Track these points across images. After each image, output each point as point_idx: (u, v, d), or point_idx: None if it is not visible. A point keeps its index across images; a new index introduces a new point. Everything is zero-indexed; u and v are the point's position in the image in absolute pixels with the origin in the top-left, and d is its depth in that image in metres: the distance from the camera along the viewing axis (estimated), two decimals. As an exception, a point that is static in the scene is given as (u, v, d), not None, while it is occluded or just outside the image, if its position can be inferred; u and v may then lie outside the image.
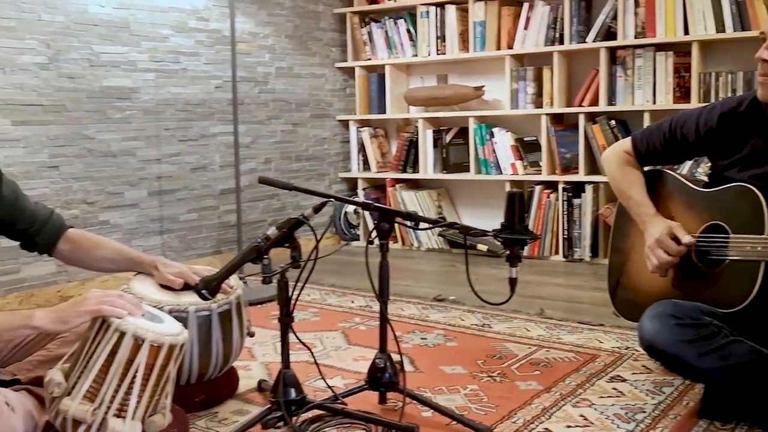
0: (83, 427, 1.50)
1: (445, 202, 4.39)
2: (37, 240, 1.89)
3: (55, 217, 1.92)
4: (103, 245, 1.95)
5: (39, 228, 1.88)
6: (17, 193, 1.86)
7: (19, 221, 1.86)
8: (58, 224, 1.91)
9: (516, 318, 2.71)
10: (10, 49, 2.95)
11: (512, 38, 3.97)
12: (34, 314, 1.52)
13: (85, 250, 1.93)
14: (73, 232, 1.94)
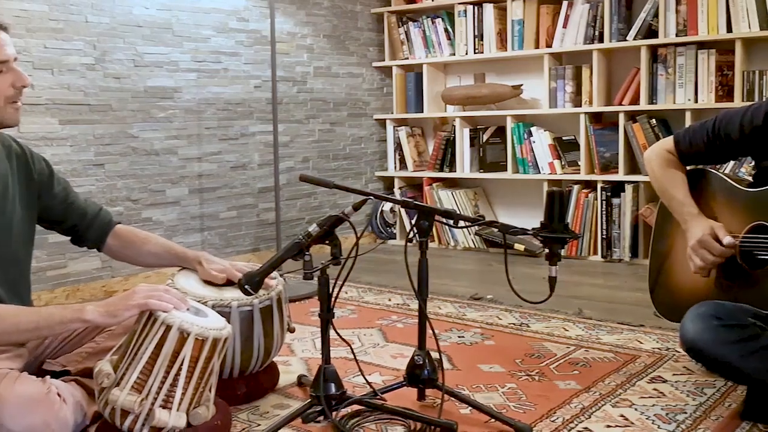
0: (131, 417, 1.55)
1: (482, 201, 4.39)
2: (86, 236, 1.95)
3: (103, 213, 1.97)
4: (149, 241, 2.00)
5: (89, 224, 1.94)
6: (68, 190, 1.92)
7: (70, 218, 1.92)
8: (107, 220, 1.97)
9: (554, 318, 2.70)
10: (58, 50, 3.03)
11: (551, 37, 3.95)
12: (85, 308, 1.56)
13: (132, 246, 1.98)
14: (121, 228, 2.00)
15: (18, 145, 1.84)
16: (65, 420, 1.56)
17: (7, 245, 1.75)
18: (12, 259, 1.77)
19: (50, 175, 1.88)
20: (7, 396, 1.48)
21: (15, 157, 1.81)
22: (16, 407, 1.48)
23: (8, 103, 1.65)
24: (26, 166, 1.82)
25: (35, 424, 1.49)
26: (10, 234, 1.75)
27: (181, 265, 1.99)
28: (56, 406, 1.54)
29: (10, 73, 1.64)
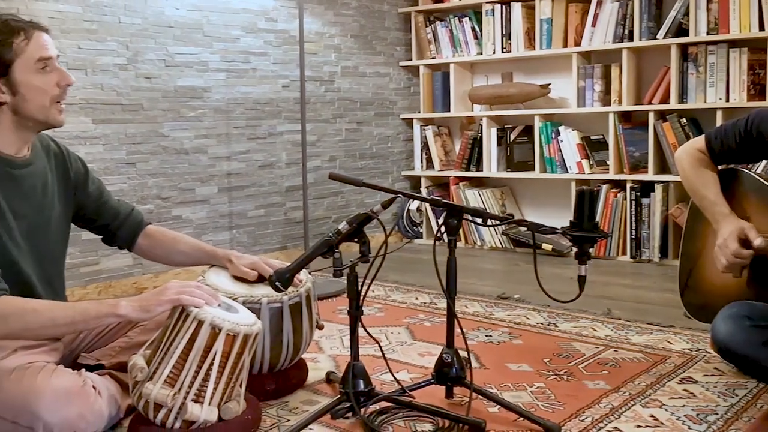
0: (164, 411, 1.58)
1: (509, 200, 4.37)
2: (118, 235, 1.99)
3: (135, 213, 2.01)
4: (179, 241, 2.04)
5: (120, 224, 1.98)
6: (102, 189, 1.96)
7: (103, 217, 1.96)
8: (138, 220, 2.00)
9: (582, 317, 2.68)
10: (92, 50, 3.08)
11: (580, 35, 3.93)
12: (119, 303, 1.59)
13: (162, 246, 2.02)
14: (152, 229, 2.03)
15: (55, 144, 1.88)
16: (100, 412, 1.59)
17: (45, 242, 1.79)
18: (49, 255, 1.81)
19: (85, 174, 1.92)
20: (44, 388, 1.52)
21: (53, 156, 1.85)
22: (53, 399, 1.51)
23: (53, 102, 1.69)
24: (64, 165, 1.87)
25: (71, 417, 1.53)
26: (48, 231, 1.80)
27: (211, 263, 2.02)
28: (92, 399, 1.57)
29: (54, 72, 1.68)
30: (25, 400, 1.51)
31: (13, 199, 1.70)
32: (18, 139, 1.71)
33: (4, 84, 1.63)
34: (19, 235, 1.71)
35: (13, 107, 1.66)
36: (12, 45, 1.62)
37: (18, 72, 1.64)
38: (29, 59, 1.64)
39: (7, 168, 1.70)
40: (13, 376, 1.55)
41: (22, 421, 1.52)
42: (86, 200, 1.92)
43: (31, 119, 1.68)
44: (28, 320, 1.55)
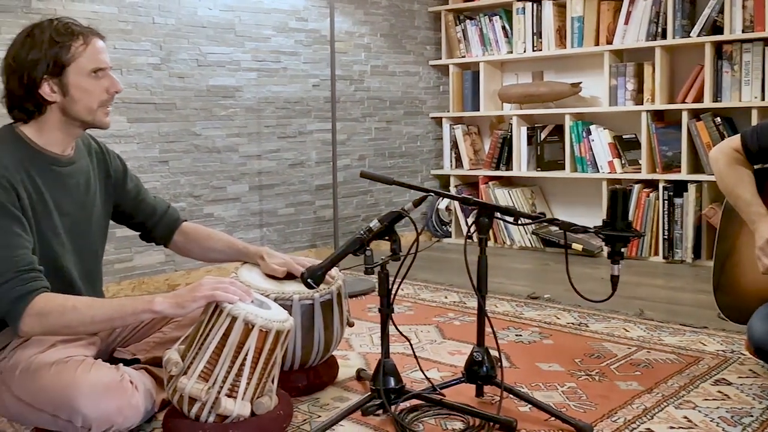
0: (198, 405, 1.60)
1: (539, 200, 4.35)
2: (155, 232, 2.02)
3: (171, 210, 2.04)
4: (212, 238, 2.06)
5: (157, 221, 2.01)
6: (139, 187, 2.00)
7: (140, 214, 2.00)
8: (174, 218, 2.04)
9: (614, 318, 2.66)
10: (127, 50, 3.13)
11: (612, 33, 3.89)
12: (155, 299, 1.62)
13: (197, 243, 2.05)
14: (187, 226, 2.06)
15: (96, 142, 1.92)
16: (137, 406, 1.61)
17: (87, 238, 1.82)
18: (90, 251, 1.85)
19: (124, 172, 1.96)
20: (83, 383, 1.55)
21: (94, 153, 1.89)
22: (91, 394, 1.54)
23: (101, 106, 1.73)
24: (104, 163, 1.90)
25: (109, 410, 1.55)
26: (90, 228, 1.83)
27: (243, 260, 2.04)
28: (129, 393, 1.60)
29: (105, 79, 1.72)
30: (64, 394, 1.54)
31: (58, 196, 1.73)
32: (64, 139, 1.75)
33: (56, 84, 1.67)
34: (62, 232, 1.75)
35: (62, 107, 1.69)
36: (70, 48, 1.66)
37: (72, 75, 1.67)
38: (84, 65, 1.68)
39: (54, 166, 1.73)
40: (53, 369, 1.59)
41: (62, 414, 1.55)
42: (125, 197, 1.96)
43: (78, 120, 1.72)
44: (69, 317, 1.59)
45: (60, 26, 1.68)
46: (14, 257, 1.58)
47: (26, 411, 1.61)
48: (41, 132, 1.72)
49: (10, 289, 1.56)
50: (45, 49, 1.65)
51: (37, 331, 1.59)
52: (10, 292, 1.56)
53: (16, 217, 1.62)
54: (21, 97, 1.68)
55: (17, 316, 1.56)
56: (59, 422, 1.57)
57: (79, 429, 1.56)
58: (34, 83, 1.66)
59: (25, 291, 1.56)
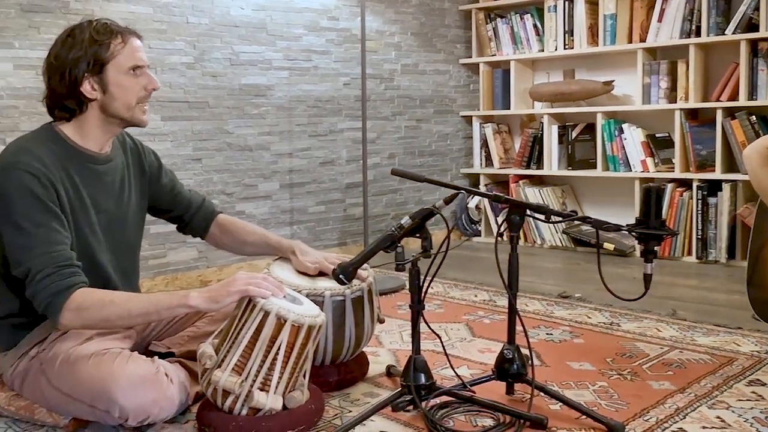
0: (231, 398, 1.62)
1: (570, 199, 4.32)
2: (191, 225, 2.06)
3: (206, 203, 2.08)
4: (248, 231, 2.09)
5: (193, 214, 2.05)
6: (174, 181, 2.03)
7: (176, 207, 2.03)
8: (209, 210, 2.07)
9: (646, 318, 2.63)
10: (162, 50, 3.18)
11: (645, 31, 3.85)
12: (189, 294, 1.65)
13: (232, 235, 2.08)
14: (223, 218, 2.10)
15: (131, 139, 1.96)
16: (172, 398, 1.65)
17: (123, 234, 1.87)
18: (126, 247, 1.89)
19: (159, 167, 2.00)
20: (120, 375, 1.59)
21: (129, 150, 1.93)
22: (129, 385, 1.58)
23: (138, 103, 1.77)
24: (139, 159, 1.94)
25: (145, 402, 1.59)
26: (126, 224, 1.87)
27: (276, 254, 2.06)
28: (164, 386, 1.63)
29: (143, 77, 1.76)
30: (102, 386, 1.58)
31: (95, 193, 1.78)
32: (102, 137, 1.79)
33: (96, 82, 1.72)
34: (99, 229, 1.79)
35: (101, 104, 1.74)
36: (109, 46, 1.71)
37: (111, 72, 1.72)
38: (123, 63, 1.72)
39: (91, 164, 1.78)
40: (91, 361, 1.63)
41: (100, 405, 1.59)
42: (160, 192, 2.00)
43: (117, 117, 1.76)
44: (107, 312, 1.62)
45: (99, 26, 1.72)
46: (53, 253, 1.62)
47: (64, 401, 1.65)
48: (80, 130, 1.77)
49: (50, 284, 1.60)
50: (85, 47, 1.69)
51: (76, 324, 1.63)
52: (50, 287, 1.60)
53: (55, 213, 1.66)
54: (63, 96, 1.72)
55: (57, 311, 1.60)
56: (96, 412, 1.61)
57: (116, 419, 1.60)
58: (75, 81, 1.70)
59: (64, 286, 1.60)
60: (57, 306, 1.60)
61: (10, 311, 1.78)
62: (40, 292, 1.60)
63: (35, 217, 1.63)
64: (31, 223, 1.62)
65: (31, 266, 1.61)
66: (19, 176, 1.63)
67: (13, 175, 1.63)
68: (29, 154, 1.67)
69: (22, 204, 1.62)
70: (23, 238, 1.62)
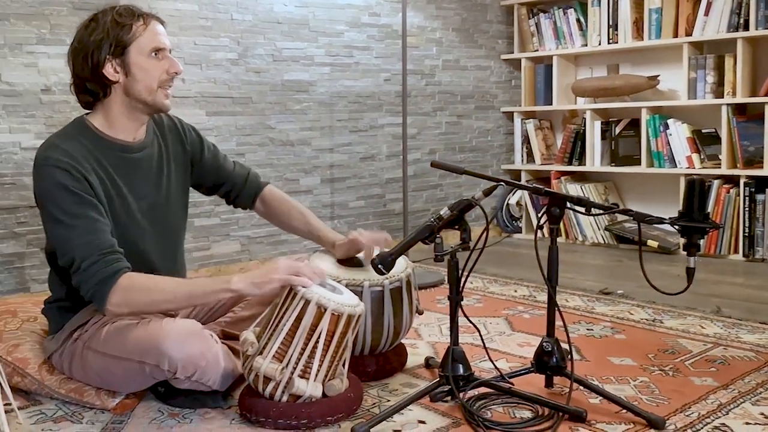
0: (272, 384, 1.65)
1: (613, 195, 4.27)
2: (239, 198, 2.10)
3: (252, 176, 2.11)
4: (292, 215, 2.11)
5: (240, 188, 2.08)
6: (217, 155, 2.06)
7: (221, 180, 2.07)
8: (255, 183, 2.10)
9: (690, 315, 2.59)
10: (207, 46, 3.24)
11: (691, 25, 3.78)
12: (232, 279, 1.68)
13: (276, 215, 2.12)
14: (269, 194, 2.12)
15: (169, 118, 1.99)
16: (217, 354, 1.69)
17: (166, 218, 1.91)
18: (169, 231, 1.93)
19: (201, 143, 2.03)
20: (169, 329, 1.65)
21: (168, 131, 1.96)
22: (177, 337, 1.64)
23: (161, 87, 1.80)
24: (179, 138, 1.98)
25: (194, 353, 1.64)
26: (167, 208, 1.92)
27: (317, 243, 2.08)
28: (210, 342, 1.69)
29: (165, 61, 1.80)
30: (152, 339, 1.64)
31: (132, 181, 1.82)
32: (130, 125, 1.83)
33: (119, 65, 1.76)
34: (140, 216, 1.84)
35: (124, 87, 1.78)
36: (131, 28, 1.75)
37: (133, 54, 1.76)
38: (144, 44, 1.76)
39: (125, 153, 1.82)
40: (139, 323, 1.70)
41: (149, 359, 1.64)
42: (204, 168, 2.03)
43: (140, 101, 1.80)
44: (152, 296, 1.67)
45: (122, 9, 1.77)
46: (96, 241, 1.67)
47: (112, 363, 1.70)
48: (108, 120, 1.81)
49: (96, 272, 1.65)
50: (108, 30, 1.73)
51: (124, 310, 1.68)
52: (96, 274, 1.65)
53: (91, 203, 1.70)
54: (86, 79, 1.77)
55: (103, 297, 1.65)
56: (146, 368, 1.66)
57: (166, 373, 1.65)
58: (98, 64, 1.74)
59: (109, 272, 1.65)
60: (104, 293, 1.65)
61: (59, 296, 1.85)
62: (86, 281, 1.65)
63: (72, 209, 1.68)
64: (69, 216, 1.67)
65: (75, 256, 1.66)
66: (50, 172, 1.68)
67: (44, 172, 1.69)
68: (58, 150, 1.72)
69: (57, 199, 1.68)
70: (64, 230, 1.68)
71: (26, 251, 2.82)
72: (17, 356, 1.92)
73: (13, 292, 2.78)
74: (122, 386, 1.78)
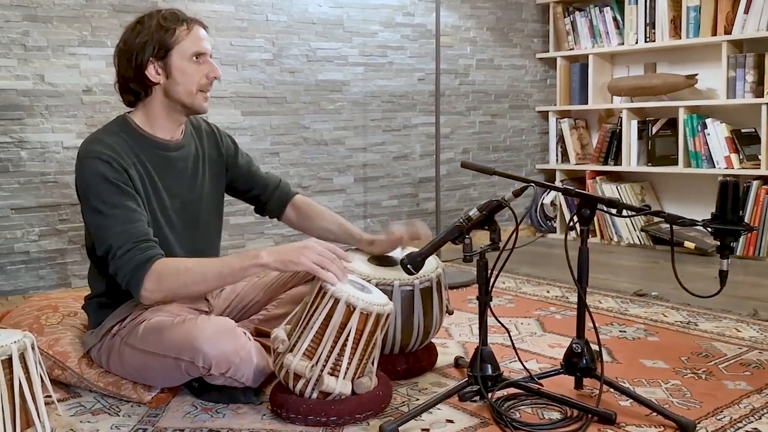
0: (302, 381, 1.68)
1: (650, 196, 4.21)
2: (268, 206, 2.13)
3: (282, 185, 2.14)
4: (324, 217, 2.13)
5: (270, 196, 2.12)
6: (251, 163, 2.11)
7: (253, 188, 2.11)
8: (285, 192, 2.13)
9: (725, 318, 2.55)
10: (242, 47, 3.29)
11: (730, 23, 3.71)
12: (260, 254, 1.71)
13: (308, 220, 2.14)
14: (299, 200, 2.15)
15: (207, 123, 2.05)
16: (250, 351, 1.73)
17: (198, 217, 1.96)
18: (201, 229, 1.97)
19: (235, 150, 2.08)
20: (204, 326, 1.69)
21: (205, 135, 2.02)
22: (212, 335, 1.68)
23: (200, 91, 1.84)
24: (216, 143, 2.03)
25: (227, 350, 1.68)
26: (200, 207, 1.96)
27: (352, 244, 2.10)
28: (243, 339, 1.73)
29: (205, 65, 1.84)
30: (188, 337, 1.68)
31: (167, 178, 1.87)
32: (169, 125, 1.89)
33: (161, 67, 1.81)
34: (173, 213, 1.88)
35: (165, 89, 1.83)
36: (175, 32, 1.80)
37: (175, 57, 1.81)
38: (186, 49, 1.81)
39: (162, 151, 1.87)
40: (175, 321, 1.74)
41: (185, 356, 1.69)
42: (237, 173, 2.07)
43: (179, 103, 1.84)
44: (184, 278, 1.71)
45: (167, 13, 1.82)
46: (132, 230, 1.72)
47: (149, 359, 1.75)
48: (147, 118, 1.86)
49: (131, 259, 1.70)
50: (152, 33, 1.78)
51: (158, 296, 1.72)
52: (131, 261, 1.70)
53: (130, 194, 1.76)
54: (129, 79, 1.82)
55: (138, 283, 1.70)
56: (182, 364, 1.70)
57: (200, 369, 1.69)
58: (141, 65, 1.79)
59: (143, 259, 1.70)
60: (138, 278, 1.69)
61: (98, 292, 1.91)
62: (122, 267, 1.71)
63: (111, 199, 1.73)
64: (108, 205, 1.73)
65: (111, 243, 1.72)
66: (91, 164, 1.74)
67: (86, 164, 1.75)
68: (100, 143, 1.78)
69: (98, 189, 1.73)
70: (102, 219, 1.73)
71: (68, 248, 2.90)
72: (58, 350, 1.98)
73: (55, 287, 2.87)
74: (158, 381, 1.82)
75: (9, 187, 2.76)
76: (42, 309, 2.20)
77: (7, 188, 2.76)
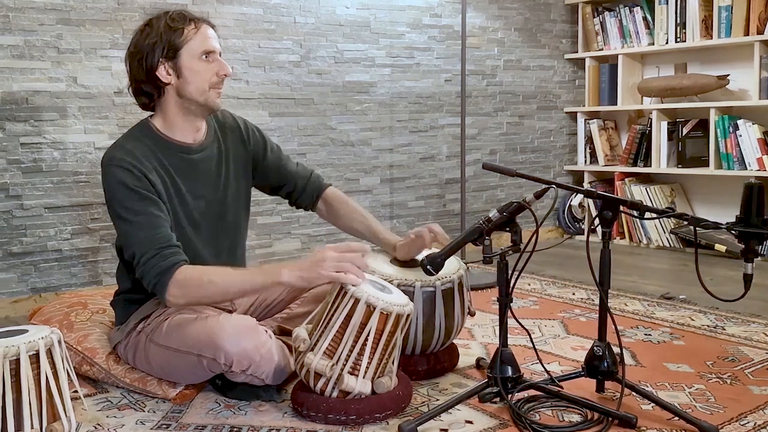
0: (323, 380, 1.70)
1: (680, 198, 4.16)
2: (300, 198, 2.14)
3: (314, 177, 2.15)
4: (354, 217, 2.13)
5: (302, 188, 2.13)
6: (280, 155, 2.12)
7: (283, 181, 2.12)
8: (317, 185, 2.14)
9: (754, 322, 2.52)
10: (270, 49, 3.33)
11: (763, 23, 3.65)
12: (282, 272, 1.73)
13: (336, 217, 2.15)
14: (330, 195, 2.15)
15: (233, 118, 2.07)
16: (271, 349, 1.76)
17: (224, 217, 1.98)
18: (225, 231, 2.00)
19: (264, 143, 2.09)
20: (225, 324, 1.73)
21: (229, 132, 2.02)
22: (233, 332, 1.71)
23: (212, 88, 1.87)
24: (242, 138, 2.04)
25: (248, 348, 1.71)
26: (225, 206, 1.98)
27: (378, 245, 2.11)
28: (264, 337, 1.76)
29: (215, 63, 1.87)
30: (210, 334, 1.72)
31: (190, 181, 1.90)
32: (188, 126, 1.91)
33: (171, 67, 1.84)
34: (197, 215, 1.92)
35: (177, 89, 1.86)
36: (183, 32, 1.83)
37: (184, 57, 1.83)
38: (195, 48, 1.83)
39: (183, 154, 1.90)
40: (197, 318, 1.78)
41: (207, 353, 1.72)
42: (267, 167, 2.09)
43: (193, 101, 1.87)
44: (206, 289, 1.74)
45: (175, 14, 1.85)
46: (155, 236, 1.76)
47: (172, 356, 1.79)
48: (166, 122, 1.89)
49: (154, 266, 1.73)
50: (161, 34, 1.81)
51: (181, 302, 1.76)
52: (155, 267, 1.73)
53: (152, 200, 1.79)
54: (141, 81, 1.85)
55: (163, 288, 1.73)
56: (204, 361, 1.74)
57: (222, 366, 1.72)
58: (151, 66, 1.82)
59: (167, 265, 1.73)
60: (163, 285, 1.73)
61: (125, 288, 1.95)
62: (147, 273, 1.75)
63: (133, 206, 1.77)
64: (131, 212, 1.77)
65: (135, 250, 1.76)
66: (113, 172, 1.79)
67: (107, 172, 1.80)
68: (121, 150, 1.82)
69: (120, 196, 1.78)
70: (126, 226, 1.78)
71: (99, 246, 2.96)
72: (87, 346, 2.03)
73: (86, 284, 2.94)
74: (182, 378, 1.86)
75: (43, 187, 2.83)
76: (72, 306, 2.25)
77: (41, 188, 2.83)
